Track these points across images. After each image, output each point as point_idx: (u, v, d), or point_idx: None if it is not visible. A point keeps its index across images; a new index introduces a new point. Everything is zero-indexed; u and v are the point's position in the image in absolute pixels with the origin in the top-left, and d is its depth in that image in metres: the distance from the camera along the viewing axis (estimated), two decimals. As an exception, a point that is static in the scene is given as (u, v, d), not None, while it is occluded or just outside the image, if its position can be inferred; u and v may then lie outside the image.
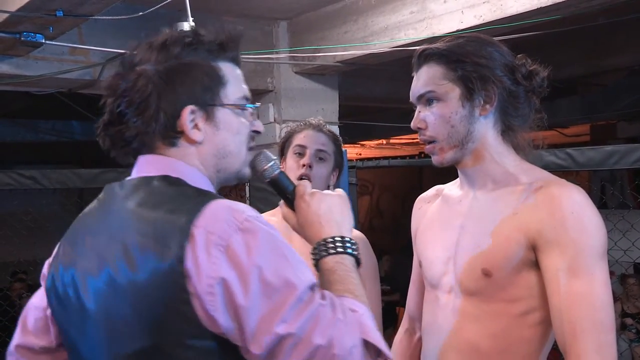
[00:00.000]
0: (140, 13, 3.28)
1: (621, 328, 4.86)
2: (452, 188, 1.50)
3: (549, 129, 1.42)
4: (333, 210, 1.14)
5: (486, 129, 1.34)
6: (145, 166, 1.10)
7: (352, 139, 7.68)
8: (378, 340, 0.98)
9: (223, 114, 1.11)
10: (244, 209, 1.00)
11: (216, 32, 1.12)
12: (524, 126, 1.37)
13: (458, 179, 1.49)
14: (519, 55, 1.36)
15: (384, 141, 9.18)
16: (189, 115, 1.07)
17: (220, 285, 0.93)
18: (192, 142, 1.09)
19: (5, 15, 3.12)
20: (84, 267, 1.06)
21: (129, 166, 1.13)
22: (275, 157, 1.21)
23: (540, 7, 2.95)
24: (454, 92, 1.32)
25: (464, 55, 1.32)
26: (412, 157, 8.26)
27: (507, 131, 1.36)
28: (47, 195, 6.08)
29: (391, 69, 4.34)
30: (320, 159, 1.87)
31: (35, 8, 3.01)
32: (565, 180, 1.29)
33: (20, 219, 4.93)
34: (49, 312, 1.16)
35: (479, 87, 1.30)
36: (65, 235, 1.15)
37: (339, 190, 1.21)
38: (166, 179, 1.06)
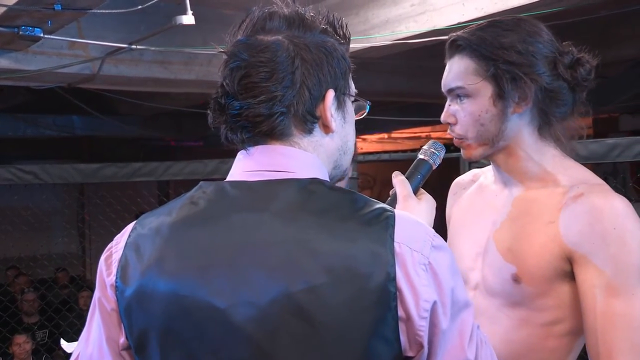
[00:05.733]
0: (140, 7, 3.26)
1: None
2: (489, 176, 1.41)
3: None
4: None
5: (520, 126, 1.26)
6: (278, 159, 0.94)
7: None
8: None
9: (349, 105, 1.01)
10: (425, 223, 0.95)
11: (329, 17, 1.00)
12: (565, 119, 1.29)
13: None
14: (564, 43, 1.27)
15: (386, 135, 9.17)
16: (333, 100, 0.96)
17: (431, 308, 0.87)
18: (328, 131, 0.97)
19: (3, 9, 3.10)
20: (228, 285, 0.87)
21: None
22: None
23: (543, -1, 2.93)
24: (486, 90, 1.23)
25: (498, 50, 1.21)
26: (413, 151, 8.25)
27: (544, 126, 1.27)
28: (47, 190, 6.07)
29: (392, 63, 4.31)
30: None
31: (34, 1, 2.99)
32: (609, 187, 1.21)
33: (20, 214, 4.93)
34: (121, 339, 0.95)
35: (511, 87, 1.22)
36: (155, 242, 0.92)
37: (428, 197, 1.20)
38: (323, 183, 0.93)
